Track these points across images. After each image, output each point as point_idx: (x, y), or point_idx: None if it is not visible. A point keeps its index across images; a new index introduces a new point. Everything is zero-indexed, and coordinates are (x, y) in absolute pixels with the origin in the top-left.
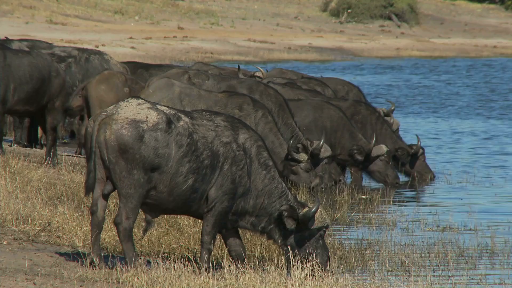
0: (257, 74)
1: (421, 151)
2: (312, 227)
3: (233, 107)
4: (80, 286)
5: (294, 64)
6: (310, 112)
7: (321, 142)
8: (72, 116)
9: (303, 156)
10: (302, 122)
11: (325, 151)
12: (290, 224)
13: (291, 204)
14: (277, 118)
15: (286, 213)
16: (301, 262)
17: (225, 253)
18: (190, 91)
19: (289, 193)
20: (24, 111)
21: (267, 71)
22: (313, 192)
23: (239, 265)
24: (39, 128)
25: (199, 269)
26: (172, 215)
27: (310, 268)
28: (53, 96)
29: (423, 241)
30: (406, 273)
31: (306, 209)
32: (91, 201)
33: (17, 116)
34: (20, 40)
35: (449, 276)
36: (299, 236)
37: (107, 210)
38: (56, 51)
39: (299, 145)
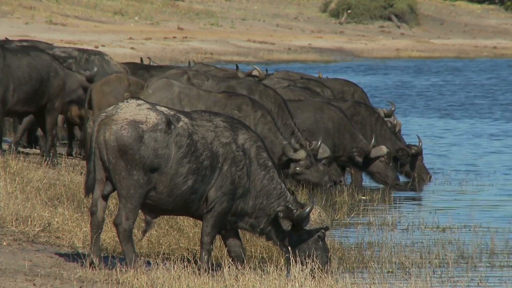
0: (254, 73)
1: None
2: (311, 228)
3: (232, 108)
4: (80, 287)
5: (294, 65)
6: (311, 114)
7: (319, 143)
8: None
9: (301, 154)
10: (304, 124)
11: (324, 152)
12: (286, 225)
13: (290, 205)
14: (276, 118)
15: (282, 214)
16: (301, 263)
17: (225, 254)
18: (189, 91)
19: (288, 194)
20: (23, 112)
21: (266, 71)
22: (311, 193)
23: (238, 266)
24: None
25: (199, 270)
26: (172, 216)
27: (310, 269)
28: (53, 97)
29: (423, 242)
30: (406, 274)
31: (300, 210)
32: (90, 202)
33: (17, 116)
34: (20, 41)
35: (449, 277)
36: (298, 237)
37: (107, 211)
38: (56, 51)
39: (296, 145)
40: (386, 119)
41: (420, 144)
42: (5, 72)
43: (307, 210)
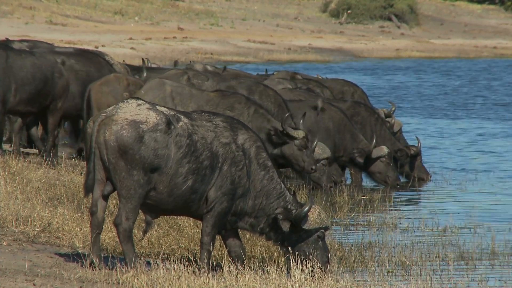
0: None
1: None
2: (311, 228)
3: (224, 107)
4: (80, 287)
5: (294, 65)
6: (312, 114)
7: (315, 143)
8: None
9: (299, 133)
10: (304, 124)
11: (323, 152)
12: (286, 226)
13: (289, 205)
14: (276, 118)
15: (281, 216)
16: (301, 263)
17: (225, 254)
18: (181, 90)
19: (288, 193)
20: (26, 112)
21: (266, 71)
22: (310, 192)
23: (239, 266)
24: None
25: (199, 270)
26: (172, 216)
27: (310, 269)
28: (56, 97)
29: (423, 242)
30: (406, 274)
31: (299, 209)
32: (91, 202)
33: (19, 116)
34: (21, 41)
35: (449, 277)
36: (297, 236)
37: (107, 211)
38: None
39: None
40: (387, 119)
41: (419, 145)
42: (6, 72)
43: (306, 209)
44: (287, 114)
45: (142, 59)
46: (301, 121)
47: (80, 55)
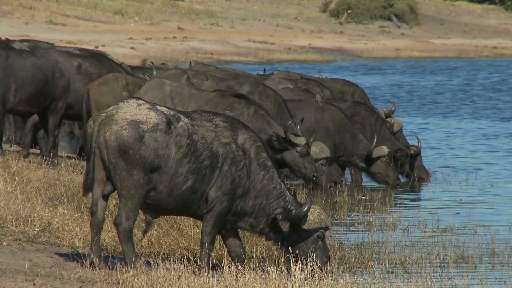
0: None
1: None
2: (310, 228)
3: (224, 107)
4: (80, 286)
5: (294, 65)
6: (312, 114)
7: (310, 141)
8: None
9: (301, 140)
10: (304, 124)
11: (322, 152)
12: (285, 226)
13: (289, 205)
14: (276, 118)
15: (280, 216)
16: (301, 263)
17: (225, 254)
18: (181, 90)
19: (288, 193)
20: (26, 112)
21: (264, 70)
22: (310, 191)
23: (239, 266)
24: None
25: (199, 269)
26: (172, 216)
27: (310, 268)
28: (57, 97)
29: (423, 242)
30: (406, 274)
31: (298, 209)
32: (91, 201)
33: (20, 116)
34: (21, 41)
35: (449, 277)
36: (297, 236)
37: (107, 211)
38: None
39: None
40: (387, 119)
41: (419, 145)
42: (6, 72)
43: (305, 209)
44: (290, 122)
45: (151, 62)
46: (298, 126)
47: (92, 57)
